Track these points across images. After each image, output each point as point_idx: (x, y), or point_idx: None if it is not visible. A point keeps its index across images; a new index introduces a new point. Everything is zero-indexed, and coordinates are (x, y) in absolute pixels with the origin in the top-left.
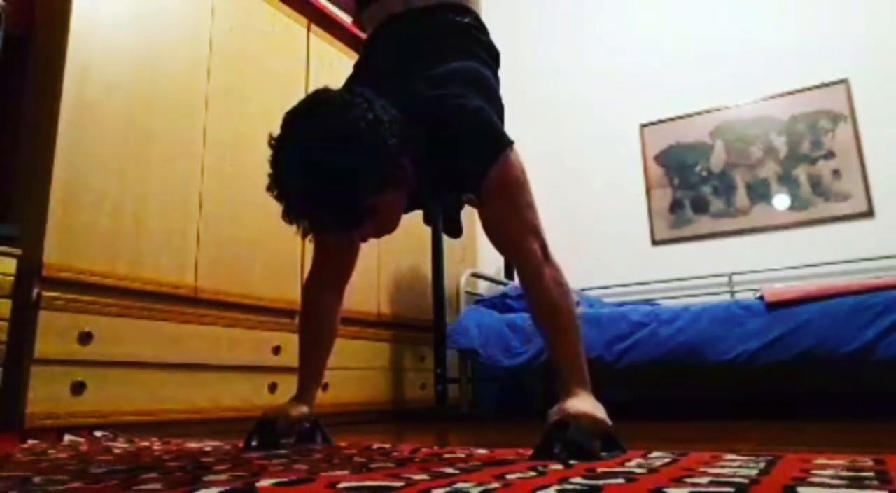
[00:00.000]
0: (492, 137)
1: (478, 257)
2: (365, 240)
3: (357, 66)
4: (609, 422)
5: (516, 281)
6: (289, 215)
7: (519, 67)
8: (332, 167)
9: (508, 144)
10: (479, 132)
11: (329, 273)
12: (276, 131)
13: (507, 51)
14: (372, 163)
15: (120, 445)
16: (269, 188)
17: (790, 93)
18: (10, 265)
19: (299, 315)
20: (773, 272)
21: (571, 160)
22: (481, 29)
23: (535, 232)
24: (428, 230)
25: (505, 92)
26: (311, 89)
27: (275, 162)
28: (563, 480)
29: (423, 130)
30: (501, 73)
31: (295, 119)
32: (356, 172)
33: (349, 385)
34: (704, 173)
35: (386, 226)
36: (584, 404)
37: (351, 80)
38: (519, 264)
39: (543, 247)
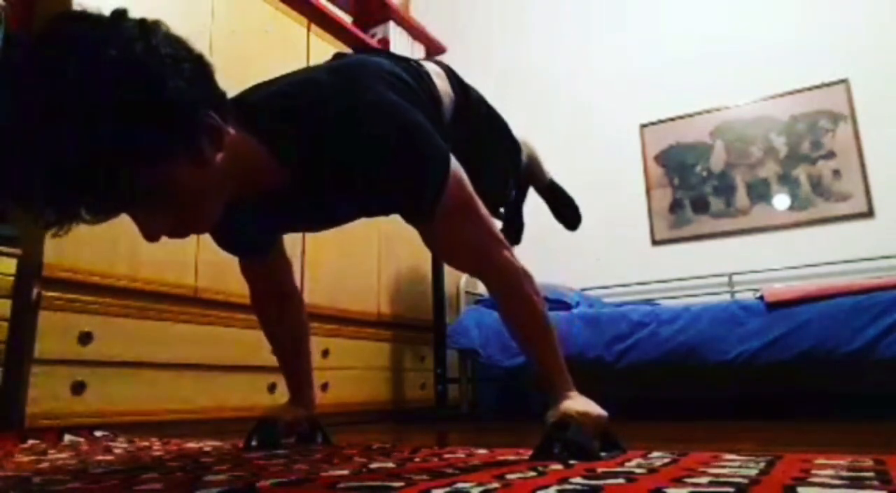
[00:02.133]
0: (437, 159)
1: None
2: (152, 239)
3: None
4: (608, 420)
5: None
6: (6, 194)
7: (519, 68)
8: (69, 112)
9: (448, 154)
10: (414, 153)
11: (266, 291)
12: None
13: (507, 51)
14: (131, 109)
15: (120, 445)
16: None
17: (790, 93)
18: (10, 265)
19: (265, 334)
20: (773, 272)
21: (571, 160)
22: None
23: (502, 242)
24: None
25: (505, 92)
26: None
27: None
28: (563, 480)
29: (316, 129)
30: (503, 73)
31: (30, 46)
32: (104, 120)
33: (349, 385)
34: (704, 173)
35: (181, 221)
36: (581, 404)
37: None
38: (492, 277)
39: (513, 255)
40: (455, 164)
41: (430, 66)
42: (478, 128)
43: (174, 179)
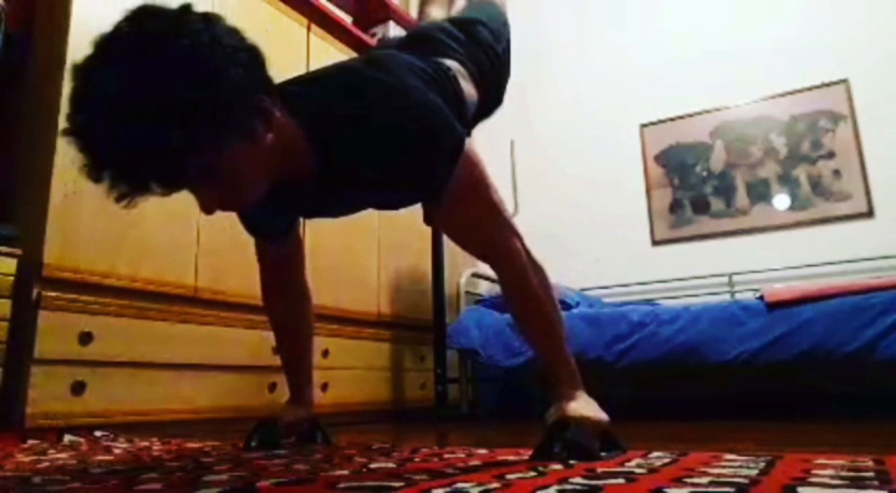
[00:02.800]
0: (450, 138)
1: None
2: (210, 211)
3: None
4: (608, 422)
5: None
6: (92, 170)
7: (519, 68)
8: (143, 100)
9: (463, 138)
10: (429, 129)
11: (278, 279)
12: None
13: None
14: (198, 95)
15: (120, 445)
16: (66, 133)
17: (790, 93)
18: (10, 265)
19: (269, 322)
20: (773, 272)
21: (571, 160)
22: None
23: (513, 230)
24: (428, 230)
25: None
26: None
27: (73, 96)
28: (563, 480)
29: (347, 111)
30: None
31: (103, 42)
32: (174, 106)
33: (349, 385)
34: (704, 173)
35: (234, 196)
36: (582, 404)
37: None
38: (502, 266)
39: (524, 245)
40: (472, 148)
41: (455, 67)
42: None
43: (231, 156)
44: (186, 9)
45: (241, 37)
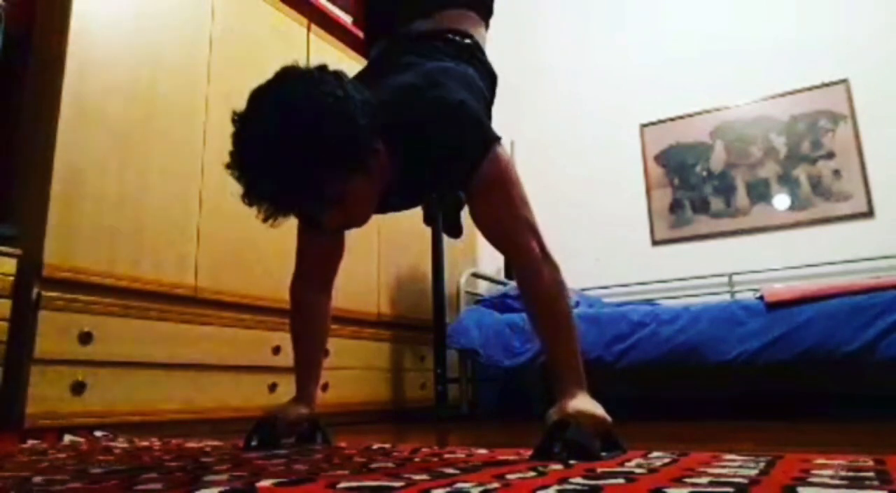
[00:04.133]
0: (480, 131)
1: (478, 257)
2: (332, 228)
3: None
4: (609, 422)
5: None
6: (249, 197)
7: (519, 68)
8: (295, 144)
9: (496, 138)
10: (466, 126)
11: (315, 271)
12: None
13: (507, 51)
14: (339, 141)
15: (120, 445)
16: (230, 167)
17: (790, 93)
18: (10, 265)
19: (290, 317)
20: (773, 272)
21: (571, 160)
22: (481, 51)
23: (532, 228)
24: (428, 230)
25: (505, 92)
26: None
27: (236, 138)
28: (563, 480)
29: (404, 120)
30: (503, 73)
31: (259, 94)
32: (321, 150)
33: (349, 385)
34: (704, 173)
35: (354, 217)
36: (583, 404)
37: None
38: (516, 261)
39: (541, 244)
40: (504, 151)
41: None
42: None
43: (354, 189)
44: (322, 68)
45: (361, 87)
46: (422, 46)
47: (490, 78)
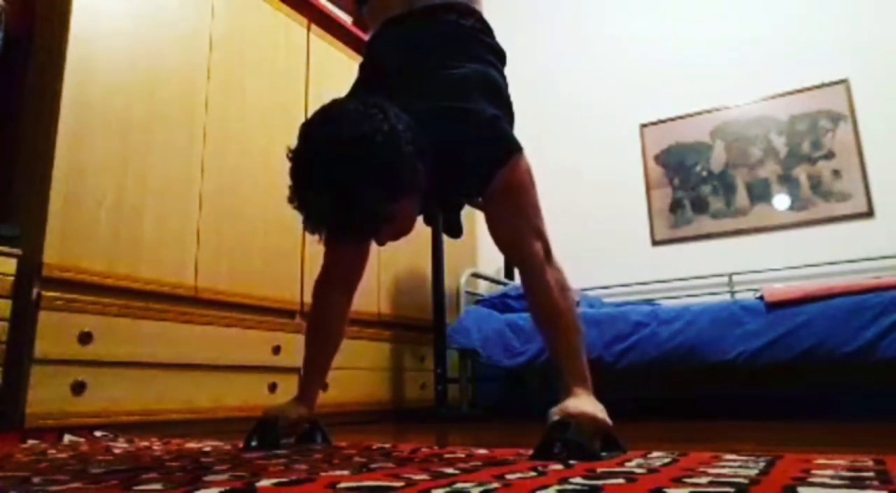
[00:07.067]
0: (502, 141)
1: (478, 257)
2: (383, 243)
3: (362, 69)
4: (609, 422)
5: (517, 281)
6: (309, 225)
7: (519, 67)
8: (351, 178)
9: (518, 148)
10: (489, 137)
11: (340, 275)
12: (292, 142)
13: (506, 51)
14: (390, 172)
15: (120, 445)
16: (290, 200)
17: (790, 93)
18: (10, 265)
19: (308, 315)
20: (773, 272)
21: (571, 160)
22: (486, 30)
23: (538, 233)
24: (428, 230)
25: None
26: (311, 89)
27: (294, 173)
28: (563, 480)
29: (434, 135)
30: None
31: (312, 131)
32: (375, 182)
33: (349, 385)
34: (704, 173)
35: (403, 230)
36: (584, 404)
37: (358, 84)
38: (521, 264)
39: (546, 248)
40: (526, 160)
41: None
42: None
43: (402, 207)
44: (365, 101)
45: (402, 116)
46: (429, 40)
47: (498, 55)
